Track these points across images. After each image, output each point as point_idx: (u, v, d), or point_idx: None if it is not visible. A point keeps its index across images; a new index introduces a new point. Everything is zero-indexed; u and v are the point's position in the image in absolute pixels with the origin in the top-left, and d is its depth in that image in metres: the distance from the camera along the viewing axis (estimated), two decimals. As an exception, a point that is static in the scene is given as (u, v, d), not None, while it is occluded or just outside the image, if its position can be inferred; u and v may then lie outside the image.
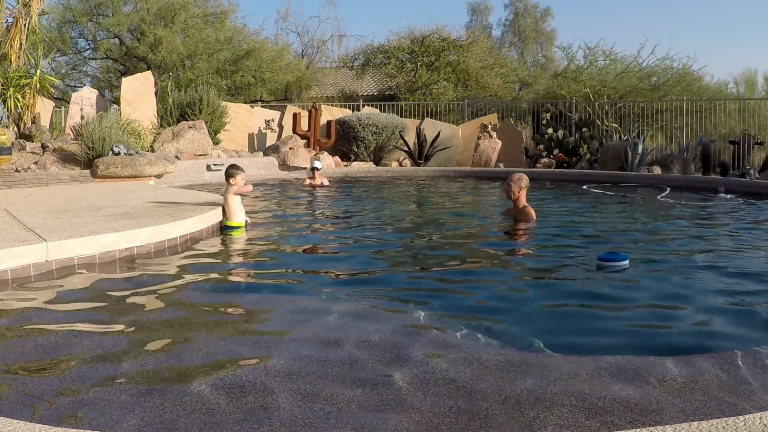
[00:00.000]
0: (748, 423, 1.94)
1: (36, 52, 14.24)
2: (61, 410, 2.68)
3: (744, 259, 5.88)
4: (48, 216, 6.74)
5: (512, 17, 48.08)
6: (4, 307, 4.25)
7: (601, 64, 23.26)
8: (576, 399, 2.72)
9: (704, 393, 2.80)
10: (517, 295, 4.70)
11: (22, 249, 4.97)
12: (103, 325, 3.86)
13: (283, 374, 3.01)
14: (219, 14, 26.62)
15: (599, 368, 3.10)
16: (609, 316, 4.12)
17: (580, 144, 18.98)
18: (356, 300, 4.40)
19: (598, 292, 4.75)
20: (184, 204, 7.77)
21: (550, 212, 9.54)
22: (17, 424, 2.07)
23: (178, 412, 2.60)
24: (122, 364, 3.17)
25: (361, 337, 3.56)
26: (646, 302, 4.36)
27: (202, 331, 3.74)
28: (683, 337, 3.66)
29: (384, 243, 7.03)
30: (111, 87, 26.15)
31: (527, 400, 2.72)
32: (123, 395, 2.79)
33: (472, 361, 3.19)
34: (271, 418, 2.56)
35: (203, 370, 3.07)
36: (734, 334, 3.64)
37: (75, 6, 24.61)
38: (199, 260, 5.83)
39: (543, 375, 3.02)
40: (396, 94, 26.90)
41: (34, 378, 3.05)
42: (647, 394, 2.78)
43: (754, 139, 17.29)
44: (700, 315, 4.05)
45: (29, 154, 12.78)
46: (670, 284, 4.88)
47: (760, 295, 4.49)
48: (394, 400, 2.74)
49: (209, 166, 14.45)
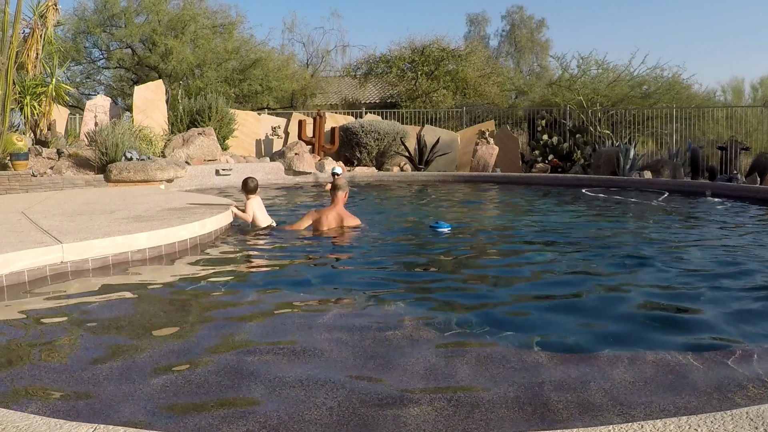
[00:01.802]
0: (735, 417, 1.94)
1: (52, 62, 14.26)
2: (78, 405, 2.68)
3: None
4: (63, 219, 6.75)
5: (509, 28, 48.17)
6: (23, 306, 4.25)
7: (594, 73, 23.26)
8: (570, 394, 2.73)
9: (694, 389, 2.80)
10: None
11: (39, 250, 4.97)
12: (118, 324, 3.86)
13: (293, 361, 3.01)
14: (227, 25, 26.63)
15: (590, 364, 3.10)
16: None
17: (574, 150, 18.98)
18: (358, 297, 4.41)
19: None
20: (194, 207, 7.77)
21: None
22: (33, 419, 2.07)
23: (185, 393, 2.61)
24: (135, 358, 3.18)
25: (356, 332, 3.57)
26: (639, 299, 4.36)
27: (211, 326, 3.75)
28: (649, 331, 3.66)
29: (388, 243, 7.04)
30: (124, 95, 26.15)
31: (525, 395, 2.73)
32: (139, 387, 2.80)
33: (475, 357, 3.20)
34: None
35: (214, 360, 3.08)
36: (716, 330, 3.65)
37: (89, 17, 24.64)
38: (211, 261, 5.84)
39: (538, 371, 3.02)
40: (397, 101, 26.90)
41: (50, 373, 3.06)
42: (638, 389, 2.78)
43: (741, 145, 17.28)
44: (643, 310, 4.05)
45: (45, 159, 12.80)
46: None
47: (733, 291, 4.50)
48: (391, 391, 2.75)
49: (218, 171, 14.46)
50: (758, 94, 33.32)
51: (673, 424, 1.90)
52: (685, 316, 4.07)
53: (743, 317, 3.95)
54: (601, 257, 6.07)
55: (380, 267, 5.78)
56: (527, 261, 6.09)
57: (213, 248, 6.44)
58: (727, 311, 4.07)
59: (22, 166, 11.43)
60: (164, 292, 4.68)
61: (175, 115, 17.46)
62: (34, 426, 2.00)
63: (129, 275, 5.19)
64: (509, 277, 5.35)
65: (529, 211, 10.47)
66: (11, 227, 6.11)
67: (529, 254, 6.45)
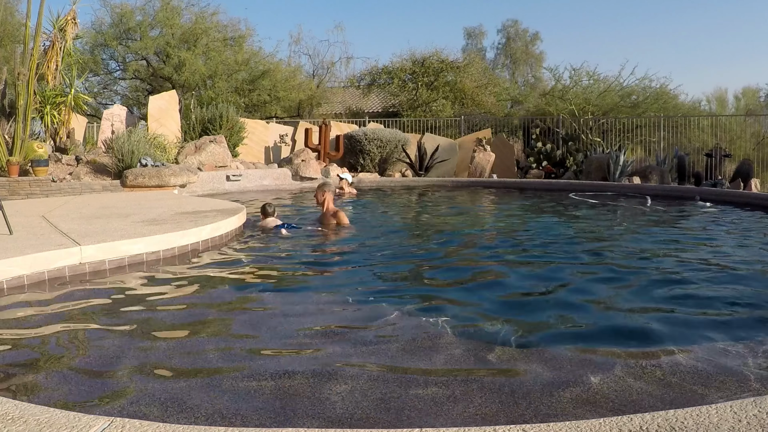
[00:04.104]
0: (720, 410, 1.94)
1: (71, 73, 14.29)
2: (95, 399, 2.69)
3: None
4: (82, 222, 6.76)
5: (504, 41, 48.16)
6: (43, 304, 4.26)
7: (586, 83, 23.25)
8: (563, 389, 2.73)
9: (680, 384, 2.80)
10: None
11: (59, 252, 4.98)
12: (135, 322, 3.87)
13: (308, 362, 3.02)
14: (237, 38, 26.66)
15: (582, 359, 3.10)
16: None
17: (566, 156, 18.98)
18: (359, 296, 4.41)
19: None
20: (205, 211, 7.78)
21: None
22: (53, 412, 2.08)
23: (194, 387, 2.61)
24: (148, 354, 3.19)
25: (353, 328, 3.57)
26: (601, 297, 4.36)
27: (219, 325, 3.76)
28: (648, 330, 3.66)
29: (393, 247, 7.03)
30: (139, 105, 26.18)
31: (520, 391, 2.73)
32: (152, 382, 2.80)
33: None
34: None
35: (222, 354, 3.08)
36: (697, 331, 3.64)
37: (106, 31, 24.68)
38: (223, 261, 5.84)
39: (531, 368, 3.02)
40: (399, 110, 26.90)
41: (70, 369, 3.06)
42: (628, 385, 2.78)
43: (724, 152, 17.27)
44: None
45: (64, 165, 12.82)
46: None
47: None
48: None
49: (228, 176, 14.47)
50: (741, 104, 33.35)
51: (660, 417, 1.91)
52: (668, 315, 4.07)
53: (729, 318, 3.95)
54: (568, 257, 6.07)
55: (367, 266, 5.78)
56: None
57: (225, 249, 6.44)
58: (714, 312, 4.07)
59: (43, 172, 11.45)
60: (178, 291, 4.69)
61: (187, 124, 17.49)
62: (53, 419, 2.01)
63: (144, 276, 5.19)
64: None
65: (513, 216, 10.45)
66: (32, 230, 6.13)
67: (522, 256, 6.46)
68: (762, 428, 1.82)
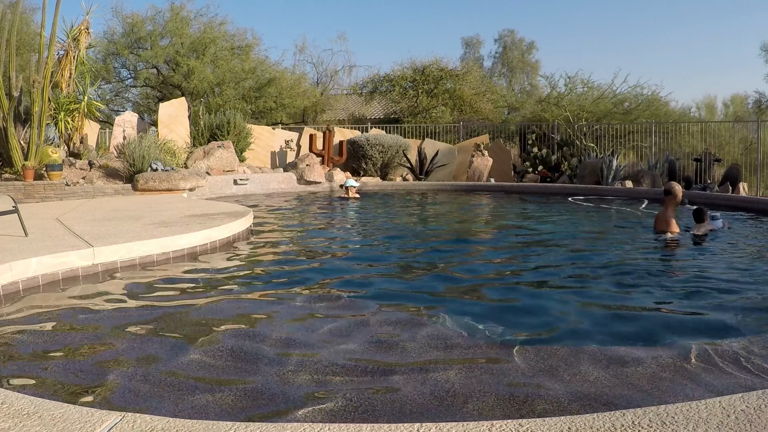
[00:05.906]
0: (709, 406, 1.94)
1: (84, 81, 14.31)
2: (106, 395, 2.69)
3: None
4: (94, 224, 6.77)
5: (501, 50, 48.14)
6: (57, 303, 4.27)
7: (580, 91, 23.27)
8: (558, 385, 2.73)
9: (671, 380, 2.80)
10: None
11: (72, 253, 4.99)
12: (146, 321, 3.87)
13: (301, 358, 3.02)
14: (244, 47, 26.70)
15: (577, 357, 3.10)
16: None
17: (561, 161, 18.98)
18: (361, 298, 4.41)
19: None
20: (214, 214, 7.79)
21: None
22: (66, 407, 2.08)
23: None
24: (159, 351, 3.19)
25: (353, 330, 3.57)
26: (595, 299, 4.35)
27: (227, 324, 3.76)
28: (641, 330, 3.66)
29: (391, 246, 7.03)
30: (150, 111, 26.23)
31: (515, 387, 2.73)
32: (162, 378, 2.80)
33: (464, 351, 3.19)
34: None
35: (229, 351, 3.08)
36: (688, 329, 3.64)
37: (118, 40, 24.74)
38: (231, 261, 5.85)
39: (527, 365, 3.02)
40: (400, 117, 26.94)
41: (83, 365, 3.06)
42: (621, 381, 2.78)
43: (713, 157, 17.26)
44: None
45: (78, 170, 12.84)
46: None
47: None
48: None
49: (236, 180, 14.48)
50: (729, 111, 33.31)
51: (652, 412, 1.91)
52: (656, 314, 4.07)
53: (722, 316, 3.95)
54: (561, 257, 6.06)
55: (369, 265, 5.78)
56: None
57: (232, 249, 6.45)
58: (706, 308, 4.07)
59: (57, 177, 11.47)
60: (189, 292, 4.69)
61: (196, 130, 17.51)
62: (67, 414, 2.01)
63: (155, 276, 5.19)
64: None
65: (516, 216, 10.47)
66: (47, 232, 6.14)
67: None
68: (749, 423, 1.82)
